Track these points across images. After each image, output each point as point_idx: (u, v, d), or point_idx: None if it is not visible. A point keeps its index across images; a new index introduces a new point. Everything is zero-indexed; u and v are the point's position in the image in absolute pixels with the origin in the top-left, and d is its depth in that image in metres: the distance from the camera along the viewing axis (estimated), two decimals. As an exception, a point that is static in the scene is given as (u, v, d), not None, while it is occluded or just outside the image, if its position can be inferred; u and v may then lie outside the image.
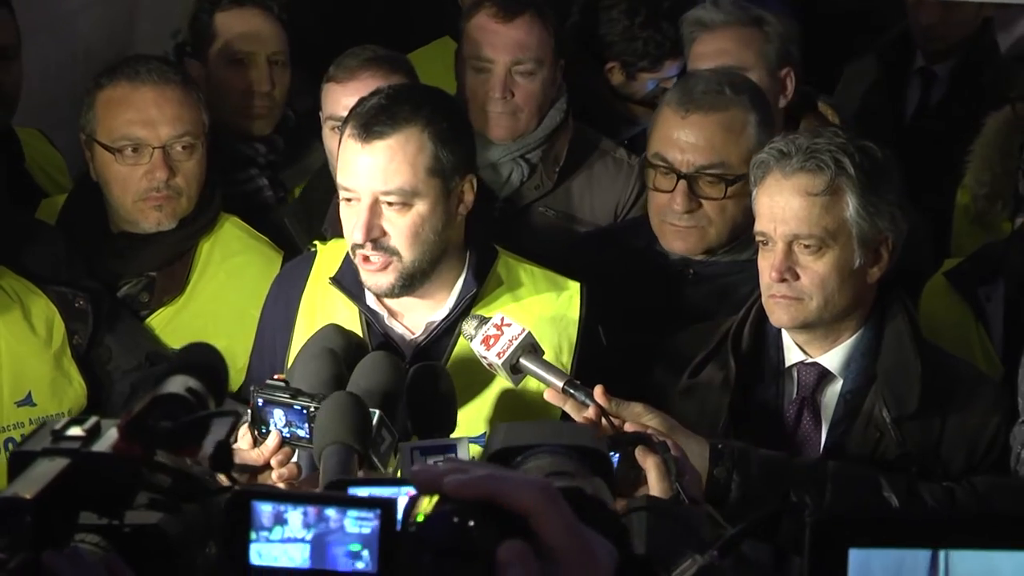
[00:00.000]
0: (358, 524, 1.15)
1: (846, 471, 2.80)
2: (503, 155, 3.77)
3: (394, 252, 2.91)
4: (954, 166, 3.94)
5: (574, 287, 3.07)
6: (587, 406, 2.66)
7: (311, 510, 1.15)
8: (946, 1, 4.45)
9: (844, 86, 4.74)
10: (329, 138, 3.57)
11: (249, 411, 2.61)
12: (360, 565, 1.14)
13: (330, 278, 3.07)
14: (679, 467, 2.38)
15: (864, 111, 4.58)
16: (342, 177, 2.96)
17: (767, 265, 2.90)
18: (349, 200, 2.94)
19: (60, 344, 3.22)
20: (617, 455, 2.44)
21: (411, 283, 2.95)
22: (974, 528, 1.28)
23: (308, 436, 2.54)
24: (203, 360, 1.38)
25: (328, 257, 3.16)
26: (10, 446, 3.13)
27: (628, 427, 2.62)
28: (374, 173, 2.89)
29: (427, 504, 1.15)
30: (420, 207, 2.90)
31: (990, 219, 3.80)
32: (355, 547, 1.14)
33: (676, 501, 2.35)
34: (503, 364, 2.75)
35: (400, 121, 2.89)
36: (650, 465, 2.37)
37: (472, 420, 2.89)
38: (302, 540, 1.15)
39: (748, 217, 3.10)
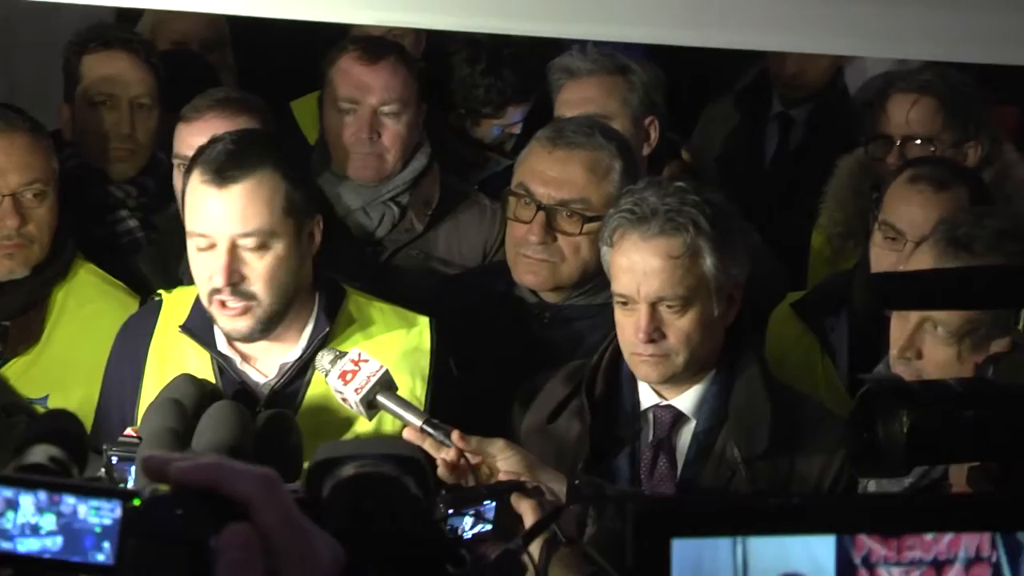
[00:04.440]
0: (98, 514, 1.13)
1: None
2: (373, 198, 3.78)
3: (252, 296, 2.92)
4: (810, 209, 4.01)
5: (423, 321, 3.11)
6: (447, 446, 2.67)
7: (50, 497, 1.13)
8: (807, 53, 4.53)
9: (702, 129, 4.81)
10: (176, 177, 3.55)
11: (103, 469, 2.56)
12: (100, 557, 1.13)
13: (180, 326, 3.05)
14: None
15: (723, 155, 4.65)
16: (195, 224, 2.94)
17: (630, 323, 2.92)
18: (203, 247, 2.93)
19: None
20: (494, 503, 2.51)
21: (268, 326, 2.96)
22: (770, 515, 1.27)
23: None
24: (63, 428, 1.37)
25: (175, 305, 3.13)
26: None
27: (502, 476, 2.66)
28: (231, 217, 2.90)
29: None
30: (277, 248, 2.93)
31: (843, 257, 3.87)
32: (95, 538, 1.13)
33: (554, 542, 2.41)
34: (360, 400, 2.75)
35: (251, 164, 2.92)
36: (525, 509, 2.46)
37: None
38: (40, 528, 1.13)
39: (600, 262, 3.13)
